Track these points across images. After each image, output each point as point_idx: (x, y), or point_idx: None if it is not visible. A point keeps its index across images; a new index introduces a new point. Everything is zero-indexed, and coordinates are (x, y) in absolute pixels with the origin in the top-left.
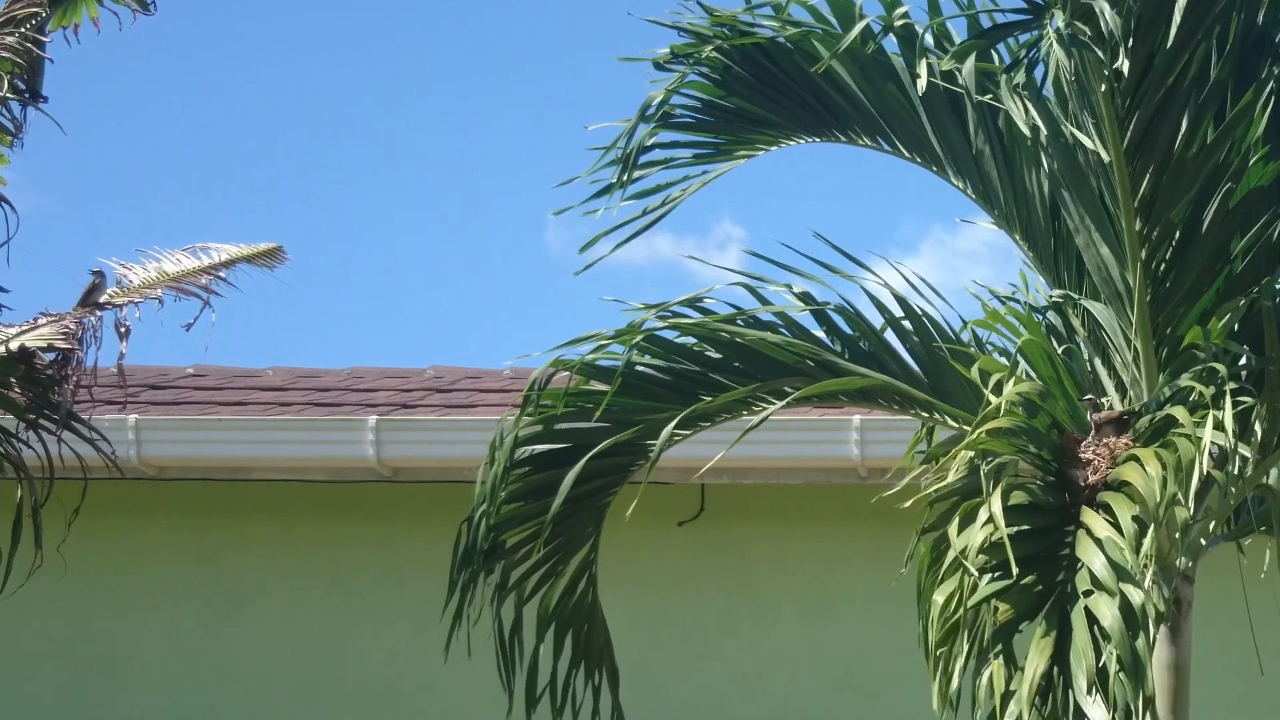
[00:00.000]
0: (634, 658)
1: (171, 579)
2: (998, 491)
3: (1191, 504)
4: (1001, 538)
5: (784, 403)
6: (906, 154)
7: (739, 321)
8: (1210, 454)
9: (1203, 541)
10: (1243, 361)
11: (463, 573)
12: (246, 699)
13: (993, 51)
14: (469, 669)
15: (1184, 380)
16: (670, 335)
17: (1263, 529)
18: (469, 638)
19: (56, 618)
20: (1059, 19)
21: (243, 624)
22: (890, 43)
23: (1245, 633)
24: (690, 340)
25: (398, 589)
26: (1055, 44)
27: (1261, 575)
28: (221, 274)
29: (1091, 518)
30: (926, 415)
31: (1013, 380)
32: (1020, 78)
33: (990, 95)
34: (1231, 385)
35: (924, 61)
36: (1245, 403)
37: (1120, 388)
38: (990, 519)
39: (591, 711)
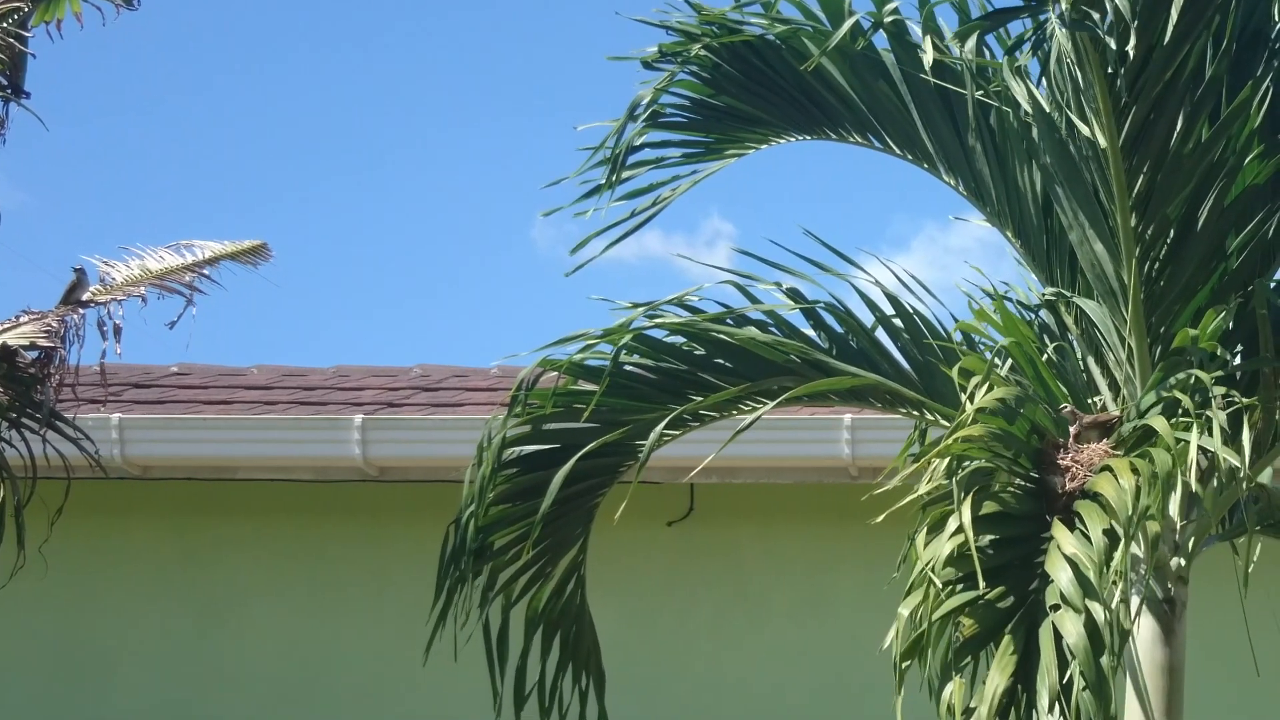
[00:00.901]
0: (623, 659)
1: (156, 579)
2: (968, 500)
3: (1175, 513)
4: (970, 548)
5: (775, 402)
6: (897, 151)
7: (728, 320)
8: (1199, 464)
9: (1197, 543)
10: (1237, 360)
11: (450, 575)
12: (231, 700)
13: (984, 48)
14: (455, 671)
15: (1167, 389)
16: (659, 334)
17: (1258, 529)
18: (455, 639)
19: (40, 619)
20: (1063, 2)
21: (227, 624)
22: (880, 39)
23: (1240, 633)
24: (679, 339)
25: (384, 590)
26: (1059, 28)
27: (1250, 570)
28: (205, 271)
29: (1061, 531)
30: (918, 415)
31: (988, 385)
32: (1023, 60)
33: (982, 91)
34: (1220, 390)
35: (928, 38)
36: (1236, 404)
37: (1113, 386)
38: (960, 528)
39: (579, 715)
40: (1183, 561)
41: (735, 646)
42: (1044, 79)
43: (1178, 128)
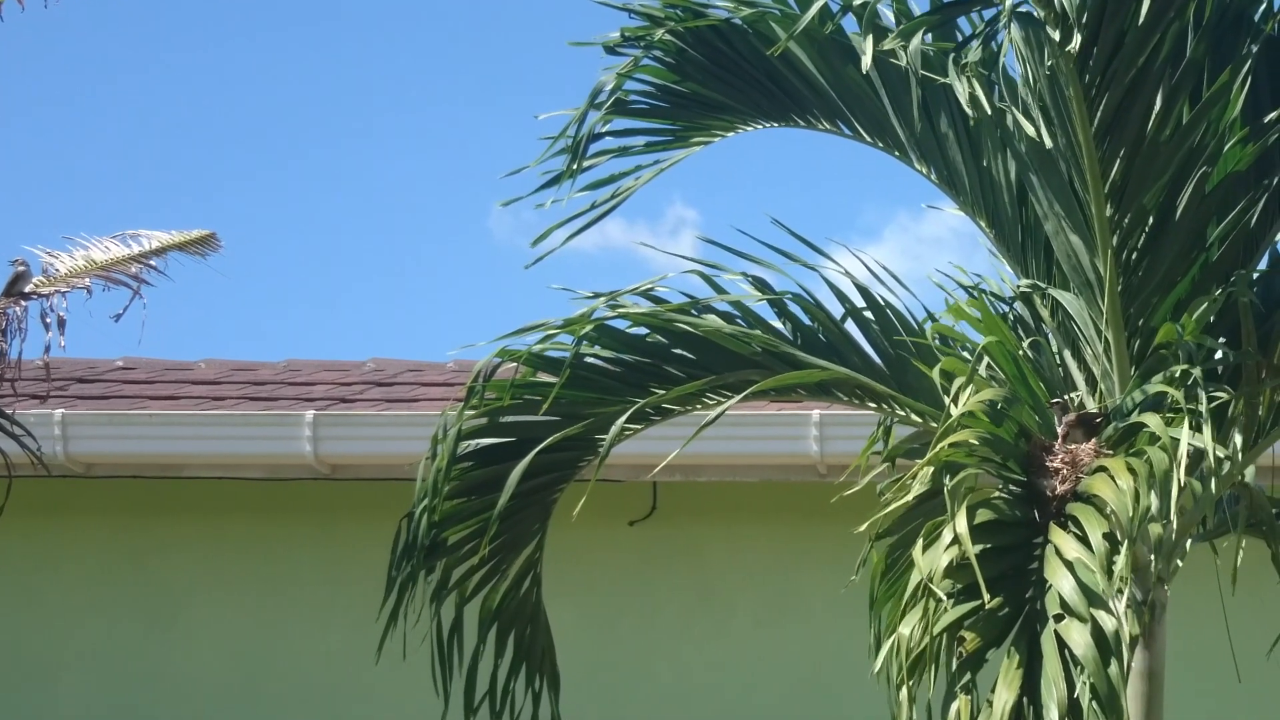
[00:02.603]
0: (582, 662)
1: (100, 580)
2: (963, 510)
3: (1172, 514)
4: (969, 559)
5: (740, 396)
6: (868, 138)
7: (693, 311)
8: (1186, 455)
9: (1178, 544)
10: (1219, 355)
11: (401, 571)
12: (179, 705)
13: (957, 31)
14: (408, 673)
15: (1154, 385)
16: (621, 325)
17: (1239, 529)
18: (405, 640)
19: None
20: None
21: (174, 627)
22: (850, 23)
23: (1221, 637)
24: (642, 331)
25: (335, 591)
26: (1012, 22)
27: (1232, 571)
28: (152, 262)
29: (1060, 536)
30: (888, 410)
31: (972, 387)
32: (975, 55)
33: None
34: (1205, 383)
35: (868, 39)
36: (1221, 399)
37: (1090, 381)
38: (956, 539)
39: (531, 718)
40: (1163, 563)
41: (699, 650)
42: (1019, 63)
43: (1155, 113)
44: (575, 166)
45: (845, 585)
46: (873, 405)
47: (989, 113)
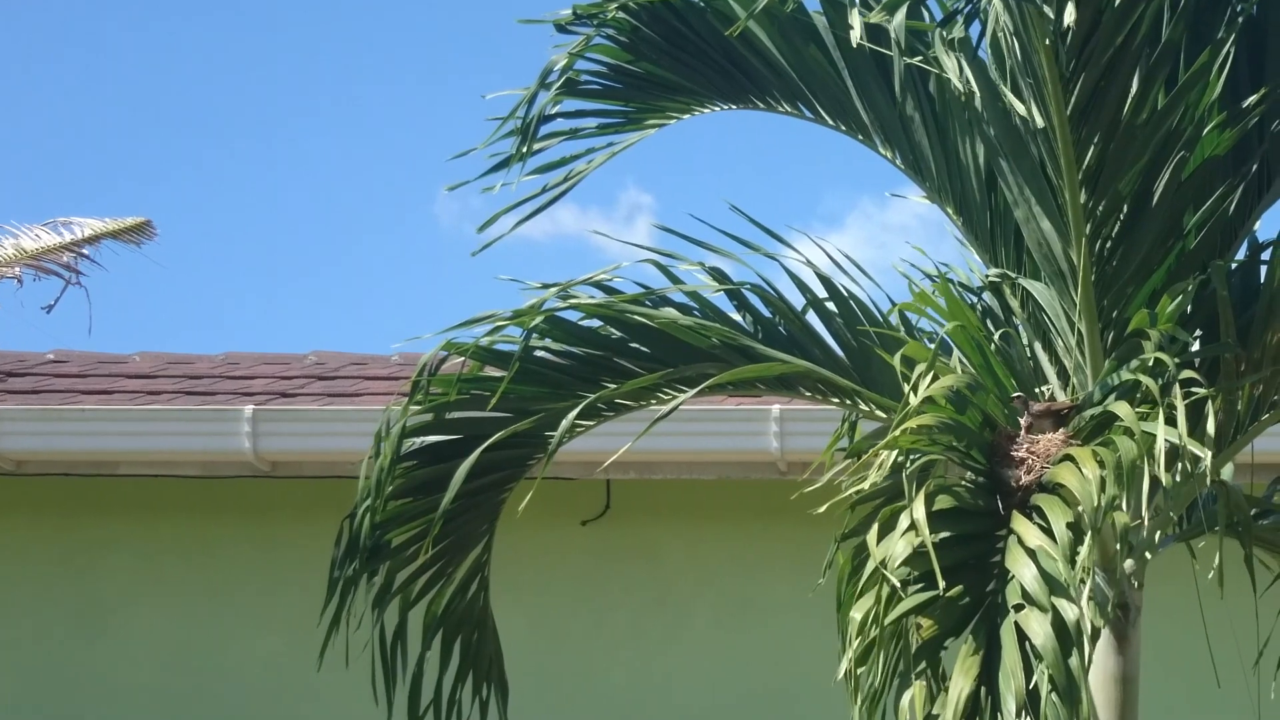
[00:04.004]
0: (532, 669)
1: (30, 582)
2: (921, 496)
3: (1143, 505)
4: (925, 546)
5: (696, 390)
6: (830, 121)
7: (647, 302)
8: (1160, 449)
9: (1152, 543)
10: (1196, 347)
11: (343, 573)
12: (112, 712)
13: (924, 9)
14: (351, 679)
15: (1127, 374)
16: (573, 317)
17: (1216, 529)
18: (348, 645)
19: None
20: None
21: (108, 631)
22: (811, 1)
23: (1199, 641)
24: (594, 322)
25: (276, 593)
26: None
27: (1209, 574)
28: (85, 251)
29: (1023, 524)
30: (851, 404)
31: (934, 373)
32: (957, 33)
33: (920, 57)
34: (1181, 375)
35: (854, 11)
36: (1197, 393)
37: (1062, 374)
38: (913, 526)
39: None
40: (1137, 564)
41: (655, 655)
42: (986, 42)
43: (1131, 96)
44: (525, 149)
45: (812, 589)
46: (835, 400)
47: (976, 91)
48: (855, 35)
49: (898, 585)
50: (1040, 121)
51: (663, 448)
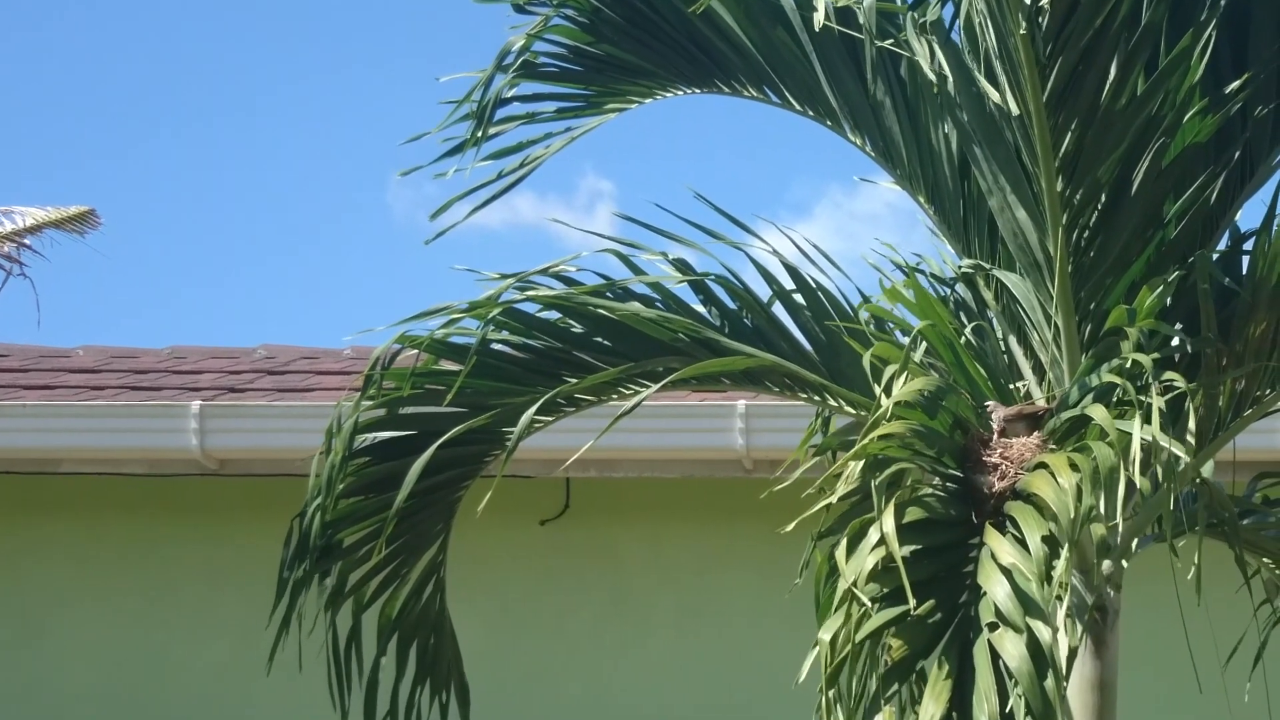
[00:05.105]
0: (489, 674)
1: None
2: (890, 508)
3: (1119, 509)
4: (895, 562)
5: (659, 386)
6: (797, 106)
7: (609, 294)
8: (1139, 451)
9: (1131, 544)
10: (1176, 341)
11: (293, 575)
12: (53, 718)
13: None
14: (300, 685)
15: (1105, 375)
16: (531, 309)
17: (1197, 529)
18: (300, 650)
19: None
20: None
21: (47, 635)
22: None
23: (1179, 645)
24: (554, 314)
25: (223, 596)
26: None
27: (1189, 575)
28: (26, 240)
29: (995, 539)
30: (820, 400)
31: (905, 377)
32: (931, 15)
33: (891, 40)
34: (1161, 374)
35: None
36: (1178, 389)
37: (1038, 369)
38: (882, 540)
39: None
40: (1115, 565)
41: (615, 659)
42: (960, 25)
43: (1109, 81)
44: (480, 134)
45: (786, 591)
46: (803, 395)
47: (946, 77)
48: (819, 18)
49: (868, 604)
50: (1015, 108)
51: (624, 445)
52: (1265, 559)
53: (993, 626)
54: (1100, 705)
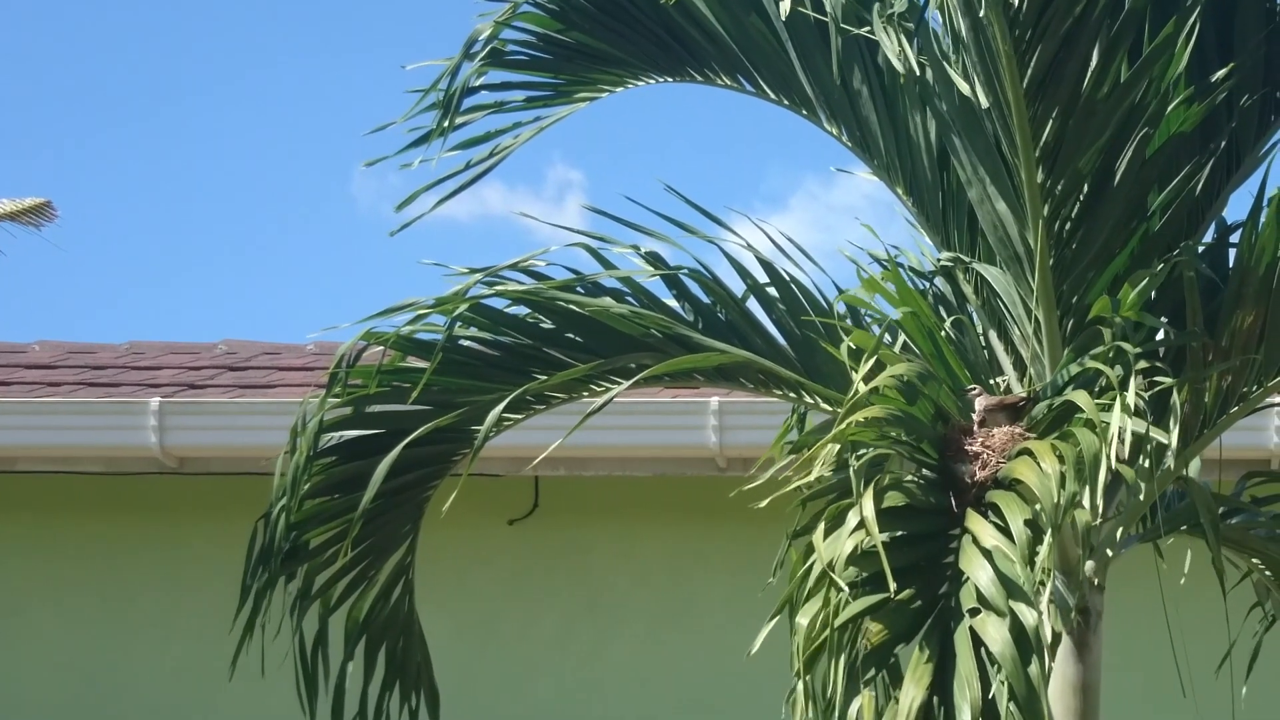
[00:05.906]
0: (458, 677)
1: None
2: (869, 492)
3: (1100, 502)
4: (875, 545)
5: (630, 382)
6: (772, 95)
7: (579, 288)
8: (1121, 440)
9: (1114, 544)
10: (1160, 335)
11: (257, 577)
12: None
13: None
14: (264, 689)
15: (1088, 362)
16: (500, 304)
17: (1183, 528)
18: (263, 653)
19: None
20: None
21: (3, 637)
22: None
23: (1164, 647)
24: (522, 310)
25: (183, 597)
26: None
27: (1173, 576)
28: None
29: (978, 523)
30: (795, 397)
31: (882, 361)
32: (902, 5)
33: (867, 27)
34: (1144, 365)
35: None
36: (1163, 384)
37: (1019, 364)
38: (861, 524)
39: None
40: (1098, 565)
41: (586, 661)
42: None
43: (1091, 69)
44: (447, 123)
45: (760, 590)
46: (778, 392)
47: (915, 70)
48: (785, 6)
49: (845, 588)
50: (985, 101)
51: (595, 442)
52: (1254, 559)
53: (974, 612)
54: (1083, 708)
